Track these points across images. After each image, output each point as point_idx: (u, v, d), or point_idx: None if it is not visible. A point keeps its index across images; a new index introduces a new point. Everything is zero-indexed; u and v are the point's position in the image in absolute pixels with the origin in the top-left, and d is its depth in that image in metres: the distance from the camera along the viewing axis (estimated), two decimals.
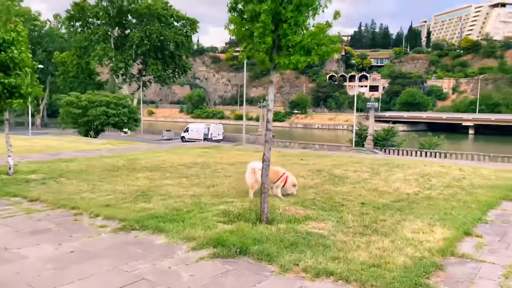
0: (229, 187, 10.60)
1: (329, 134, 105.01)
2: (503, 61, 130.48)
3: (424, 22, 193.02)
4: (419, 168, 13.44)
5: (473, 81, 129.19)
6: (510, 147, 70.39)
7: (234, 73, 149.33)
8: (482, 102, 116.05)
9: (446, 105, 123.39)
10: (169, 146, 24.49)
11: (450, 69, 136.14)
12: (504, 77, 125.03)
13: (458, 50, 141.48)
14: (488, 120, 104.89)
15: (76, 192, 9.90)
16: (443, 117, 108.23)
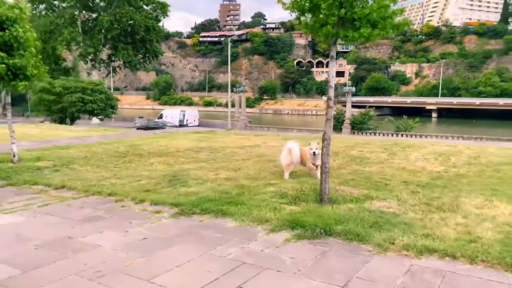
0: (257, 169, 10.36)
1: (299, 120, 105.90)
2: (462, 46, 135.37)
3: None
4: (429, 148, 13.69)
5: (434, 66, 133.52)
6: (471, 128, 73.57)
7: (201, 58, 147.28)
8: (444, 86, 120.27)
9: (409, 90, 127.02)
10: (161, 132, 23.79)
11: (413, 54, 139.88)
12: (464, 62, 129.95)
13: (420, 35, 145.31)
14: (450, 103, 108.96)
15: (100, 178, 9.38)
16: (408, 101, 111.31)
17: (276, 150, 14.20)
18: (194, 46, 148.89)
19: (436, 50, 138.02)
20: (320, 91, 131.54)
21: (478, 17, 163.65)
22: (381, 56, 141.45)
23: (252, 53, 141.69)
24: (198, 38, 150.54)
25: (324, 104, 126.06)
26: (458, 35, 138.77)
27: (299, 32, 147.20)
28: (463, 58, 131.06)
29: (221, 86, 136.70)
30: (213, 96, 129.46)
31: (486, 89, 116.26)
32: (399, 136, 38.42)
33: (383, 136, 39.06)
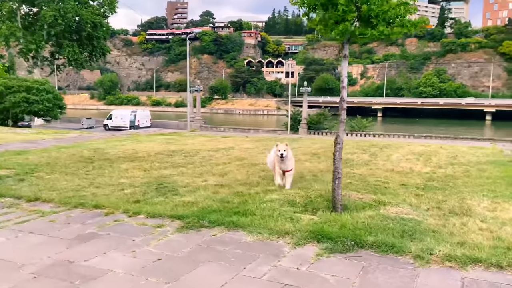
0: (245, 174, 9.87)
1: (251, 120, 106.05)
2: (404, 48, 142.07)
3: None
4: (406, 148, 13.87)
5: (378, 67, 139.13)
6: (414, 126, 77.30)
7: (148, 57, 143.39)
8: (388, 87, 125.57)
9: (356, 90, 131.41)
10: (122, 134, 22.50)
11: (358, 56, 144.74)
12: (405, 64, 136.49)
13: None
14: (394, 103, 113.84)
15: (76, 188, 8.46)
16: (355, 101, 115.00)
17: (253, 153, 13.79)
18: (140, 44, 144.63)
19: (379, 52, 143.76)
20: (270, 91, 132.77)
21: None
22: (328, 57, 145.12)
23: (201, 52, 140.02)
24: (144, 36, 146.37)
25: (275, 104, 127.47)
26: (400, 38, 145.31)
27: (248, 32, 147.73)
28: (405, 59, 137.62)
29: (170, 85, 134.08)
30: (162, 95, 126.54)
31: (427, 89, 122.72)
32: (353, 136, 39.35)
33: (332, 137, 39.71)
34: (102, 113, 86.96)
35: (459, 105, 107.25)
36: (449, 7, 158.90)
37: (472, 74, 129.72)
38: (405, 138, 34.28)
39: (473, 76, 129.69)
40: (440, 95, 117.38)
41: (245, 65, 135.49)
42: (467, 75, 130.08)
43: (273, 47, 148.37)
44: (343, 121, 6.79)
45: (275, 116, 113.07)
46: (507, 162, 11.30)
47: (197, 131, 26.45)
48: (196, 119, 49.74)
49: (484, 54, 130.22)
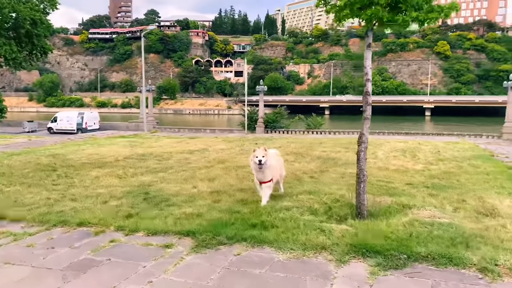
0: (234, 178, 9.04)
1: (201, 119, 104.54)
2: (347, 48, 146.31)
3: (278, 11, 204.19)
4: (387, 145, 13.65)
5: (324, 67, 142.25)
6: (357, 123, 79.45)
7: (91, 56, 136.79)
8: (334, 85, 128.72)
9: (303, 89, 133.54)
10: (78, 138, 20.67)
11: (305, 55, 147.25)
12: (349, 63, 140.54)
13: (310, 38, 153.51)
14: (340, 101, 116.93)
15: (47, 201, 7.24)
16: (303, 100, 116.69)
17: (231, 154, 12.96)
18: (82, 43, 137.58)
19: (325, 52, 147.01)
20: (220, 91, 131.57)
21: (359, 22, 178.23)
22: (276, 56, 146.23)
23: (147, 51, 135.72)
24: (87, 34, 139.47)
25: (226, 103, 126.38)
26: (343, 38, 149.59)
27: (196, 31, 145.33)
28: (348, 59, 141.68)
29: (115, 85, 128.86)
30: (107, 96, 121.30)
31: None
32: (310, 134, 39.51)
33: (296, 134, 39.99)
34: (43, 116, 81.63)
35: (401, 102, 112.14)
36: None
37: (411, 73, 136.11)
38: (376, 136, 34.53)
39: (412, 74, 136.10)
40: (382, 92, 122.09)
41: (193, 64, 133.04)
42: (407, 74, 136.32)
43: (221, 47, 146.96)
44: (368, 118, 6.20)
45: (226, 116, 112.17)
46: (491, 157, 11.37)
47: (158, 132, 25.07)
48: (149, 120, 47.76)
49: (422, 53, 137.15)
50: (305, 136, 32.73)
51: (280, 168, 7.29)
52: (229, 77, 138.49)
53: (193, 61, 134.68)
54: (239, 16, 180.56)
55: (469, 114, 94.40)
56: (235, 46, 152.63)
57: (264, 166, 6.57)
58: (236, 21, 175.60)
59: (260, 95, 45.61)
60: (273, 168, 6.79)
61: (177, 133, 38.48)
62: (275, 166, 6.87)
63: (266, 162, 6.58)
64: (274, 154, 7.15)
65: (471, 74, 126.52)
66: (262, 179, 6.70)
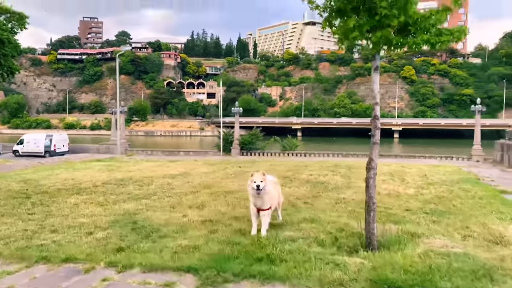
0: (225, 205, 8.66)
1: (173, 141, 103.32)
2: (318, 72, 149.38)
3: (250, 35, 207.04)
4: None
5: (295, 89, 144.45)
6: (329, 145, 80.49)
7: (59, 77, 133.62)
8: (305, 108, 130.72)
9: (275, 111, 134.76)
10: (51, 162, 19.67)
11: (276, 78, 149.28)
12: (319, 86, 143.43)
13: (282, 61, 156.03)
14: (312, 123, 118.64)
15: (26, 234, 6.64)
16: (276, 121, 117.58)
17: (216, 178, 12.54)
18: (51, 64, 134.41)
19: (296, 75, 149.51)
20: (192, 112, 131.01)
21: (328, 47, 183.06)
22: (248, 79, 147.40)
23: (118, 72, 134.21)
24: (55, 55, 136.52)
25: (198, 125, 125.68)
26: (313, 62, 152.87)
27: (168, 53, 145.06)
28: (319, 82, 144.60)
29: (84, 107, 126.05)
30: (75, 118, 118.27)
31: (340, 110, 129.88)
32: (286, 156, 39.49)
33: (272, 156, 39.87)
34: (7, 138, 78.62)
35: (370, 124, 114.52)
36: None
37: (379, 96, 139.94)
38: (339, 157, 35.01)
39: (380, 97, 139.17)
40: (352, 115, 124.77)
41: (165, 86, 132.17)
42: None
43: (194, 69, 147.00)
44: (377, 143, 5.99)
45: (198, 137, 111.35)
46: (478, 180, 11.45)
47: (134, 155, 24.29)
48: (121, 142, 46.66)
49: (388, 77, 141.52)
50: (282, 158, 32.58)
51: (279, 195, 6.95)
52: (202, 98, 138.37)
53: (165, 82, 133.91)
54: (211, 39, 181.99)
55: (434, 136, 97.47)
56: (207, 68, 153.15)
57: (262, 192, 6.23)
58: (209, 44, 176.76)
59: (236, 116, 45.37)
60: (272, 194, 6.45)
61: (151, 155, 37.65)
62: (274, 192, 6.54)
63: (265, 187, 6.24)
64: (272, 181, 6.82)
65: (436, 98, 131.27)
66: (261, 206, 6.34)
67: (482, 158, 33.35)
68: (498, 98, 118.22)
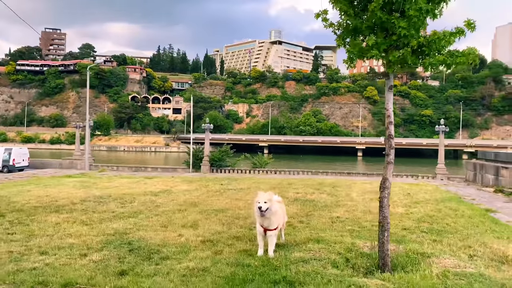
0: (218, 224, 8.38)
1: (137, 157, 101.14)
2: (284, 90, 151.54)
3: (216, 52, 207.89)
4: (356, 187, 13.63)
5: (262, 107, 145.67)
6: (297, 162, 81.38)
7: (18, 89, 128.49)
8: (272, 125, 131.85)
9: (242, 128, 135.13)
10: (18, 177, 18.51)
11: (243, 95, 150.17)
12: (286, 104, 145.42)
13: (249, 79, 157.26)
14: (279, 140, 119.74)
15: (12, 256, 6.12)
16: (243, 139, 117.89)
17: (201, 196, 12.22)
18: (9, 75, 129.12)
19: (263, 93, 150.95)
20: (157, 128, 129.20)
21: (294, 66, 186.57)
22: (215, 95, 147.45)
23: (81, 85, 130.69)
24: (14, 66, 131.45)
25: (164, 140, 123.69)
26: (280, 80, 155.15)
27: (133, 67, 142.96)
28: (285, 100, 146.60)
29: (44, 120, 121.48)
30: (34, 131, 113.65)
31: (306, 128, 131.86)
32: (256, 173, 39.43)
33: (243, 173, 39.70)
34: None
35: (335, 142, 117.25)
36: (321, 54, 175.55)
37: (343, 115, 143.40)
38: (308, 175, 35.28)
39: (344, 116, 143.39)
40: (317, 133, 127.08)
41: (129, 100, 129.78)
42: (339, 116, 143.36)
43: (159, 83, 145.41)
44: (391, 162, 5.95)
45: (163, 153, 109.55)
46: (460, 199, 11.72)
47: (106, 171, 23.40)
48: (86, 157, 45.17)
49: (352, 97, 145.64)
50: (252, 175, 32.49)
51: (283, 215, 6.79)
52: (167, 114, 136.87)
53: (130, 97, 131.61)
54: (177, 54, 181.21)
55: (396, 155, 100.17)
56: (173, 83, 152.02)
57: (269, 213, 6.06)
58: (175, 59, 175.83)
59: (206, 132, 44.93)
60: (279, 214, 6.29)
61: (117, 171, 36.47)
62: (280, 212, 6.38)
63: (271, 208, 6.07)
64: (277, 201, 6.66)
65: (397, 118, 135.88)
66: (268, 226, 6.15)
67: (446, 177, 34.59)
68: (455, 119, 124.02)
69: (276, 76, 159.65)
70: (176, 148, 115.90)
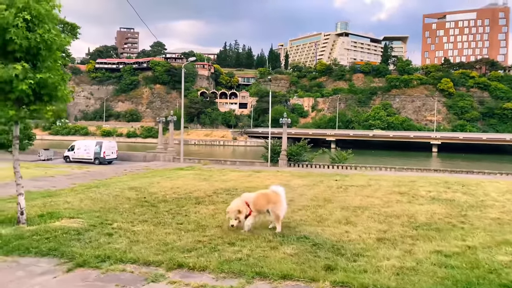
0: (376, 222, 8.25)
1: (207, 150, 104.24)
2: (351, 83, 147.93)
3: (281, 46, 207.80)
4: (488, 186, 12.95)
5: (328, 101, 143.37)
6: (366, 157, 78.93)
7: (97, 86, 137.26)
8: (339, 119, 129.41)
9: (307, 122, 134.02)
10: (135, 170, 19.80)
11: (308, 89, 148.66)
12: (353, 97, 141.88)
13: (314, 72, 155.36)
14: (347, 135, 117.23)
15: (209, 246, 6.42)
16: (310, 133, 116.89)
17: (326, 192, 12.19)
18: (89, 73, 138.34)
19: (329, 86, 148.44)
20: (225, 122, 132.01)
21: (361, 58, 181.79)
22: (280, 90, 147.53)
23: (153, 82, 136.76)
24: (94, 64, 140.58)
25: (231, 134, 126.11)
26: (347, 73, 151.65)
27: (201, 63, 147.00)
28: (353, 93, 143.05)
29: (120, 115, 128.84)
30: (112, 125, 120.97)
31: (375, 122, 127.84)
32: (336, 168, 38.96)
33: (321, 168, 39.40)
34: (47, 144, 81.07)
35: (408, 137, 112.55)
36: (391, 45, 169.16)
37: (416, 109, 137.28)
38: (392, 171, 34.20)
39: (417, 110, 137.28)
40: (388, 127, 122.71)
41: (198, 95, 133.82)
42: (411, 109, 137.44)
43: (226, 79, 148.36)
44: None
45: (231, 147, 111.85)
46: None
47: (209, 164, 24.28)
48: (169, 151, 47.26)
49: (425, 90, 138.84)
50: (331, 170, 32.02)
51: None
52: (234, 108, 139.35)
53: (199, 92, 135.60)
54: (243, 50, 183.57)
55: (474, 151, 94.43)
56: (239, 78, 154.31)
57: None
58: (241, 55, 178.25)
59: (284, 127, 45.11)
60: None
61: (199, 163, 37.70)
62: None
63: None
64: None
65: (475, 112, 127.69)
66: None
67: None
68: None
69: (343, 68, 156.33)
70: (243, 142, 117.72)
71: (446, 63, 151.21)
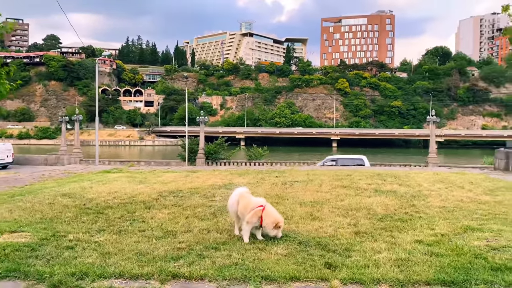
0: (340, 216, 8.45)
1: (111, 151, 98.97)
2: (257, 82, 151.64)
3: (187, 43, 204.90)
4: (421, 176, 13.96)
5: (236, 99, 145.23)
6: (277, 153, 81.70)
7: None
8: (247, 117, 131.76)
9: (217, 120, 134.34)
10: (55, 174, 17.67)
11: (217, 87, 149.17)
12: (260, 96, 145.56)
13: (222, 71, 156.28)
14: (256, 132, 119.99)
15: (185, 252, 5.98)
16: (220, 131, 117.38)
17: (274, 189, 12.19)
18: None
19: (236, 85, 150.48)
20: (129, 121, 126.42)
21: (265, 58, 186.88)
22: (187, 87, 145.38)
23: (47, 78, 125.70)
24: None
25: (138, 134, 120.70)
26: (253, 72, 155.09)
27: (102, 59, 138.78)
28: (259, 92, 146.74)
29: (10, 114, 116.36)
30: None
31: (281, 120, 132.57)
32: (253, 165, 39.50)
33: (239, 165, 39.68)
34: None
35: (311, 134, 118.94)
36: (293, 47, 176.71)
37: (316, 107, 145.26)
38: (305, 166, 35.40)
39: (317, 108, 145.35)
40: (292, 125, 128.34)
41: (100, 93, 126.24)
42: (312, 108, 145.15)
43: (130, 76, 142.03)
44: None
45: (137, 147, 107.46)
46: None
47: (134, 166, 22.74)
48: (75, 152, 43.94)
49: (324, 89, 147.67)
50: (249, 167, 32.17)
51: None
52: (139, 106, 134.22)
53: (100, 89, 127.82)
54: (147, 46, 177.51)
55: (369, 145, 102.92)
56: (144, 76, 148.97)
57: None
58: (144, 51, 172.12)
59: (201, 126, 44.61)
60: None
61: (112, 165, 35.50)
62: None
63: None
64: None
65: (368, 109, 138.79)
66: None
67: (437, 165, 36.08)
68: (423, 110, 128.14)
69: (249, 68, 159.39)
70: (151, 142, 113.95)
71: (342, 64, 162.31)
